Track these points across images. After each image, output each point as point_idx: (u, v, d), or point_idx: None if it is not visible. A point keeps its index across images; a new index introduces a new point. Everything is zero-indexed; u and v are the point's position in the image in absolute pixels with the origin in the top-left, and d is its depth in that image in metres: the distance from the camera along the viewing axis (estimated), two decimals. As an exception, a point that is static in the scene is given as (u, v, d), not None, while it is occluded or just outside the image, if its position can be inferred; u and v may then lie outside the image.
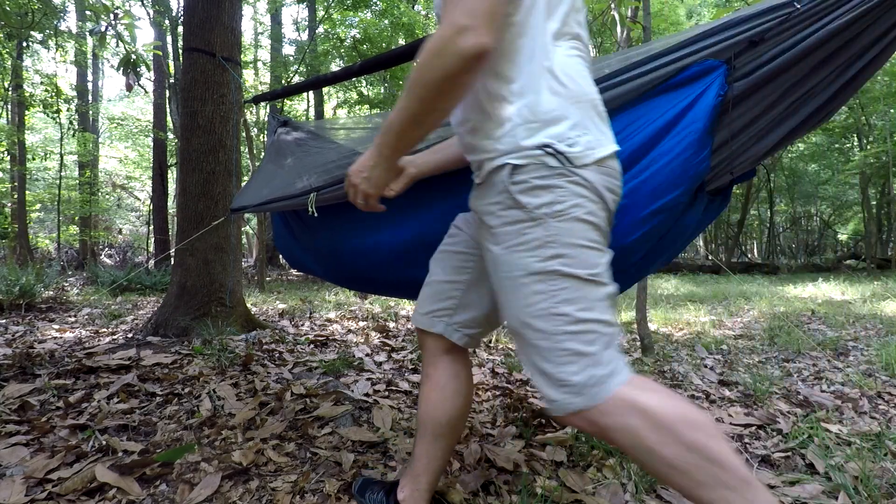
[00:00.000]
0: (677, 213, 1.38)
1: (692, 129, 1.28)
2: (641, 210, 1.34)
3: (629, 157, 1.34)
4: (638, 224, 1.35)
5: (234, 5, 3.43)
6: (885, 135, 12.20)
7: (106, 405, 2.02)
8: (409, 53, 1.98)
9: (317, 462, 1.65)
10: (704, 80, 1.29)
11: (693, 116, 1.29)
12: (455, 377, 1.24)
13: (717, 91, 1.27)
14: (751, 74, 1.29)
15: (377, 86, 12.31)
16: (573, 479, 1.59)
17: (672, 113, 1.30)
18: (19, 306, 4.33)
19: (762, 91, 1.31)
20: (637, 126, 1.33)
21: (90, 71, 13.09)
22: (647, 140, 1.32)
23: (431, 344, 1.26)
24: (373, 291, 2.12)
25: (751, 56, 1.28)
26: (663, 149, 1.31)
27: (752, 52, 1.27)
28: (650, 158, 1.32)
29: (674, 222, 1.40)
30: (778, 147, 1.40)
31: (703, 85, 1.29)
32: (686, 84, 1.31)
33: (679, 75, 1.31)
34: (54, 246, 12.69)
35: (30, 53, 11.19)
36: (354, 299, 5.66)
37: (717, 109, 1.28)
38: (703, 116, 1.27)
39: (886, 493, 1.52)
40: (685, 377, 2.81)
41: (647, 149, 1.33)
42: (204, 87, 3.31)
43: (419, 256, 1.62)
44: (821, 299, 6.72)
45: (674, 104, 1.31)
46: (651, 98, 1.34)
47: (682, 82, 1.31)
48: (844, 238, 21.13)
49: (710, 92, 1.28)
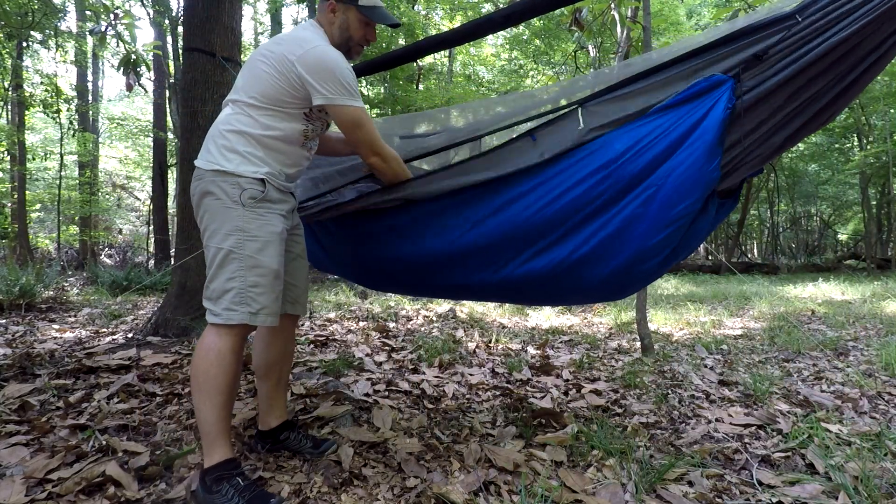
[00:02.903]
0: (691, 219, 1.46)
1: (703, 140, 1.36)
2: (657, 219, 1.43)
3: (645, 169, 1.42)
4: (655, 231, 1.44)
5: (234, 5, 3.43)
6: (885, 135, 12.19)
7: (106, 405, 2.02)
8: (409, 55, 1.98)
9: (317, 462, 1.66)
10: (713, 94, 1.36)
11: (704, 129, 1.36)
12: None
13: (725, 104, 1.34)
14: (758, 87, 1.36)
15: (377, 86, 12.30)
16: (573, 479, 1.59)
17: (684, 127, 1.38)
18: (19, 306, 4.33)
19: (769, 99, 1.37)
20: (651, 140, 1.41)
21: (90, 71, 13.08)
22: (661, 153, 1.40)
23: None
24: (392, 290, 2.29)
25: (757, 70, 1.35)
26: (676, 161, 1.39)
27: (759, 67, 1.34)
28: (665, 170, 1.40)
29: (688, 227, 1.48)
30: (783, 148, 1.47)
31: (712, 99, 1.36)
32: (696, 98, 1.38)
33: (688, 90, 1.38)
34: (54, 246, 12.69)
35: (30, 53, 11.18)
36: (354, 299, 5.66)
37: (726, 122, 1.35)
38: (713, 129, 1.35)
39: (886, 493, 1.52)
40: (685, 377, 2.81)
41: (661, 161, 1.41)
42: (204, 87, 3.31)
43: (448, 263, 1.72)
44: (821, 299, 6.72)
45: (685, 118, 1.38)
46: (662, 113, 1.42)
47: (692, 97, 1.39)
48: (844, 238, 21.12)
49: (719, 105, 1.35)
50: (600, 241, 1.50)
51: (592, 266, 1.55)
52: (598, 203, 1.49)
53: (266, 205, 1.49)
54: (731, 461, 1.80)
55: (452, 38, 1.95)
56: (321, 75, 1.45)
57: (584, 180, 1.48)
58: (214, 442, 1.40)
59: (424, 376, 2.70)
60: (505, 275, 1.65)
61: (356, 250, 1.92)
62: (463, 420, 2.10)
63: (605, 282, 1.58)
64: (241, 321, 1.42)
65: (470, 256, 1.66)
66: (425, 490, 1.50)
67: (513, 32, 13.47)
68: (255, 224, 1.46)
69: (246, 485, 1.37)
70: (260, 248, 1.45)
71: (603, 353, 3.46)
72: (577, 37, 9.28)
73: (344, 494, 1.47)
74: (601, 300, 1.91)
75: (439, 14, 13.58)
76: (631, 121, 1.44)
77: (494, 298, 1.96)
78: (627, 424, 2.09)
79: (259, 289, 1.44)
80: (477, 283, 1.72)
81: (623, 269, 1.52)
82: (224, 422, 1.42)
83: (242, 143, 1.49)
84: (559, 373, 2.87)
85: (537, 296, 1.85)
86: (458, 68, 15.47)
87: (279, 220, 1.52)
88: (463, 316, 4.68)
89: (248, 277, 1.43)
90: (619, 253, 1.50)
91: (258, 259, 1.44)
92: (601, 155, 1.46)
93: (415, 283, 1.93)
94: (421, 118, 2.74)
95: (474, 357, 3.19)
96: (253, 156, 1.49)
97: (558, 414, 2.14)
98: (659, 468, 1.66)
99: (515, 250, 1.61)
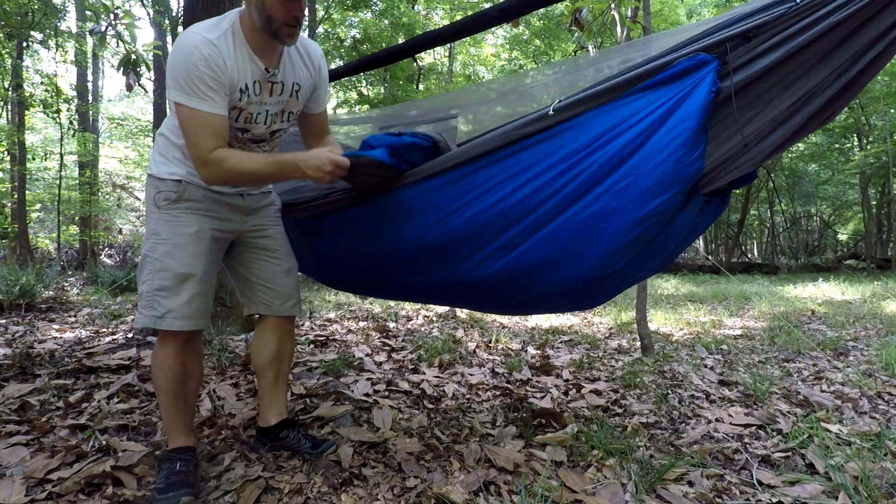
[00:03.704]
0: (669, 215, 1.31)
1: (684, 127, 1.21)
2: (632, 213, 1.28)
3: (615, 157, 1.27)
4: (629, 228, 1.29)
5: (234, 5, 3.43)
6: (885, 135, 12.18)
7: (106, 405, 2.02)
8: (409, 50, 1.98)
9: (317, 462, 1.65)
10: (695, 75, 1.22)
11: (684, 114, 1.22)
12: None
13: (708, 87, 1.20)
14: (747, 68, 1.22)
15: (377, 86, 12.30)
16: (573, 479, 1.59)
17: (661, 111, 1.23)
18: (19, 306, 4.32)
19: (761, 87, 1.25)
20: (624, 125, 1.27)
21: (90, 71, 13.07)
22: (634, 139, 1.26)
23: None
24: (369, 294, 2.13)
25: (745, 49, 1.21)
26: (653, 148, 1.24)
27: (747, 46, 1.21)
28: (639, 158, 1.26)
29: (664, 225, 1.33)
30: (781, 148, 1.34)
31: (693, 80, 1.21)
32: (675, 80, 1.23)
33: (667, 70, 1.24)
34: (54, 246, 12.68)
35: (30, 53, 11.18)
36: (354, 299, 5.66)
37: (709, 107, 1.21)
38: (695, 114, 1.21)
39: (886, 493, 1.52)
40: (685, 377, 2.81)
41: (636, 148, 1.26)
42: (204, 87, 3.31)
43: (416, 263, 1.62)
44: (821, 299, 6.71)
45: (662, 101, 1.24)
46: (639, 95, 1.27)
47: (671, 78, 1.24)
48: (844, 238, 21.11)
49: (701, 88, 1.20)
50: (569, 238, 1.35)
51: (562, 267, 1.40)
52: (564, 193, 1.33)
53: (183, 205, 1.48)
54: (731, 461, 1.80)
55: (449, 34, 1.94)
56: (168, 68, 1.35)
57: (550, 168, 1.34)
58: (171, 432, 1.54)
59: (424, 376, 2.70)
60: (461, 274, 1.52)
61: (313, 242, 1.86)
62: (463, 420, 2.10)
63: (574, 286, 1.44)
64: (146, 325, 1.45)
65: (426, 252, 1.54)
66: (425, 490, 1.50)
67: (513, 32, 13.47)
68: (167, 227, 1.47)
69: (178, 470, 1.43)
70: (168, 251, 1.45)
71: (603, 353, 3.46)
72: (577, 37, 9.28)
73: (344, 494, 1.47)
74: (566, 310, 1.83)
75: (439, 14, 13.59)
76: (603, 104, 1.30)
77: (458, 302, 1.87)
78: (627, 424, 2.09)
79: (164, 292, 1.44)
80: (434, 282, 1.63)
81: (595, 270, 1.38)
82: (177, 417, 1.53)
83: (164, 144, 1.50)
84: (559, 373, 2.87)
85: (501, 300, 1.68)
86: (458, 68, 15.48)
87: (196, 221, 1.48)
88: (463, 316, 4.68)
89: (154, 281, 1.45)
90: (590, 252, 1.35)
91: (164, 262, 1.45)
92: (569, 140, 1.32)
93: (370, 280, 1.88)
94: (411, 106, 2.71)
95: (474, 357, 3.18)
96: (173, 157, 1.49)
97: (558, 414, 2.14)
98: (659, 468, 1.66)
99: (471, 248, 1.47)
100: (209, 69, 1.32)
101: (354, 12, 10.88)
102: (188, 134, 1.36)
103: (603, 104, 1.31)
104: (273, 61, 1.46)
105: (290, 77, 1.52)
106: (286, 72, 1.50)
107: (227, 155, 1.37)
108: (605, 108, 1.31)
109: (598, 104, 1.31)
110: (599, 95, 1.30)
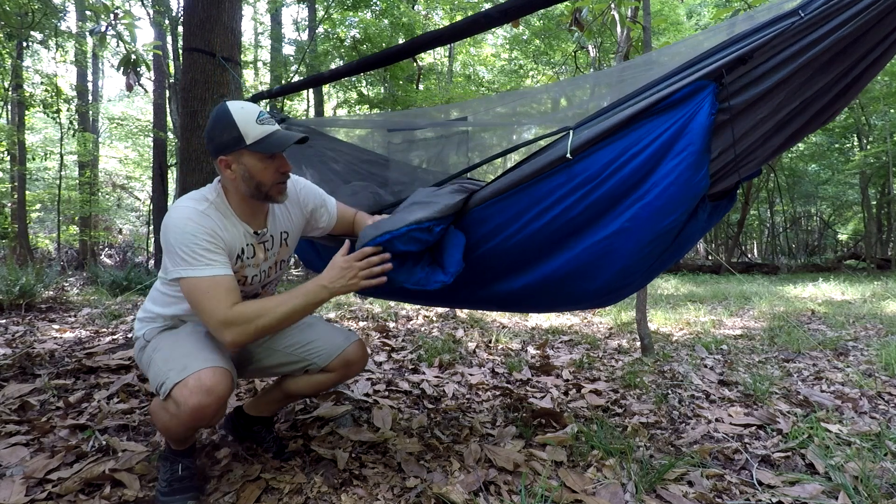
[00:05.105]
0: (679, 228, 1.42)
1: (689, 151, 1.30)
2: (645, 232, 1.38)
3: (628, 182, 1.36)
4: (642, 246, 1.40)
5: (234, 5, 3.43)
6: (885, 135, 12.18)
7: (106, 405, 2.02)
8: (409, 51, 1.97)
9: (317, 462, 1.65)
10: (694, 99, 1.30)
11: (688, 139, 1.30)
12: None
13: (708, 110, 1.28)
14: (748, 89, 1.30)
15: (377, 86, 12.31)
16: (573, 479, 1.59)
17: (666, 136, 1.32)
18: (19, 306, 4.32)
19: (762, 102, 1.32)
20: (633, 150, 1.35)
21: (90, 71, 13.07)
22: (644, 164, 1.34)
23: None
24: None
25: (743, 71, 1.29)
26: (662, 172, 1.33)
27: (743, 69, 1.28)
28: (650, 183, 1.35)
29: (677, 235, 1.44)
30: (783, 148, 1.42)
31: (694, 105, 1.30)
32: (676, 106, 1.32)
33: (670, 98, 1.32)
34: (54, 246, 12.69)
35: (30, 53, 11.19)
36: (354, 299, 5.66)
37: (710, 129, 1.30)
38: (698, 138, 1.29)
39: (886, 493, 1.52)
40: (685, 377, 2.81)
41: (646, 174, 1.35)
42: (204, 87, 3.30)
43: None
44: (821, 299, 6.71)
45: (666, 127, 1.32)
46: (643, 123, 1.35)
47: (673, 104, 1.32)
48: (844, 238, 21.11)
49: (701, 112, 1.29)
50: (587, 260, 1.46)
51: (580, 281, 1.52)
52: (581, 221, 1.42)
53: (169, 325, 1.52)
54: (731, 461, 1.80)
55: (449, 34, 1.94)
56: (164, 248, 1.33)
57: (567, 196, 1.40)
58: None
59: (424, 376, 2.70)
60: (485, 293, 1.68)
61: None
62: (463, 420, 2.10)
63: (594, 293, 1.56)
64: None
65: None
66: (425, 490, 1.50)
67: (513, 32, 13.47)
68: (158, 341, 1.48)
69: (181, 473, 1.42)
70: (167, 355, 1.43)
71: (603, 353, 3.46)
72: (577, 37, 9.29)
73: (344, 494, 1.47)
74: (589, 308, 1.90)
75: (439, 14, 13.59)
76: (614, 133, 1.37)
77: (479, 307, 1.97)
78: (627, 424, 2.09)
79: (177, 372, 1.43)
80: (460, 296, 1.77)
81: (612, 281, 1.50)
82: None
83: (146, 314, 1.55)
84: (559, 373, 2.87)
85: (521, 306, 1.85)
86: (458, 68, 15.48)
87: (190, 324, 1.51)
88: (463, 316, 4.68)
89: (167, 373, 1.42)
90: (608, 268, 1.46)
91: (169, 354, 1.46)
92: (580, 170, 1.39)
93: (405, 292, 1.91)
94: (418, 114, 2.72)
95: (474, 357, 3.18)
96: (159, 313, 1.53)
97: (558, 414, 2.14)
98: (659, 468, 1.66)
99: (496, 273, 1.60)
100: (207, 234, 1.31)
101: (354, 12, 10.88)
102: (201, 304, 1.28)
103: (613, 134, 1.38)
104: (261, 222, 1.48)
105: (278, 228, 1.54)
106: (273, 225, 1.52)
107: (248, 306, 1.31)
108: (615, 137, 1.38)
109: (608, 136, 1.37)
110: (608, 130, 1.36)
